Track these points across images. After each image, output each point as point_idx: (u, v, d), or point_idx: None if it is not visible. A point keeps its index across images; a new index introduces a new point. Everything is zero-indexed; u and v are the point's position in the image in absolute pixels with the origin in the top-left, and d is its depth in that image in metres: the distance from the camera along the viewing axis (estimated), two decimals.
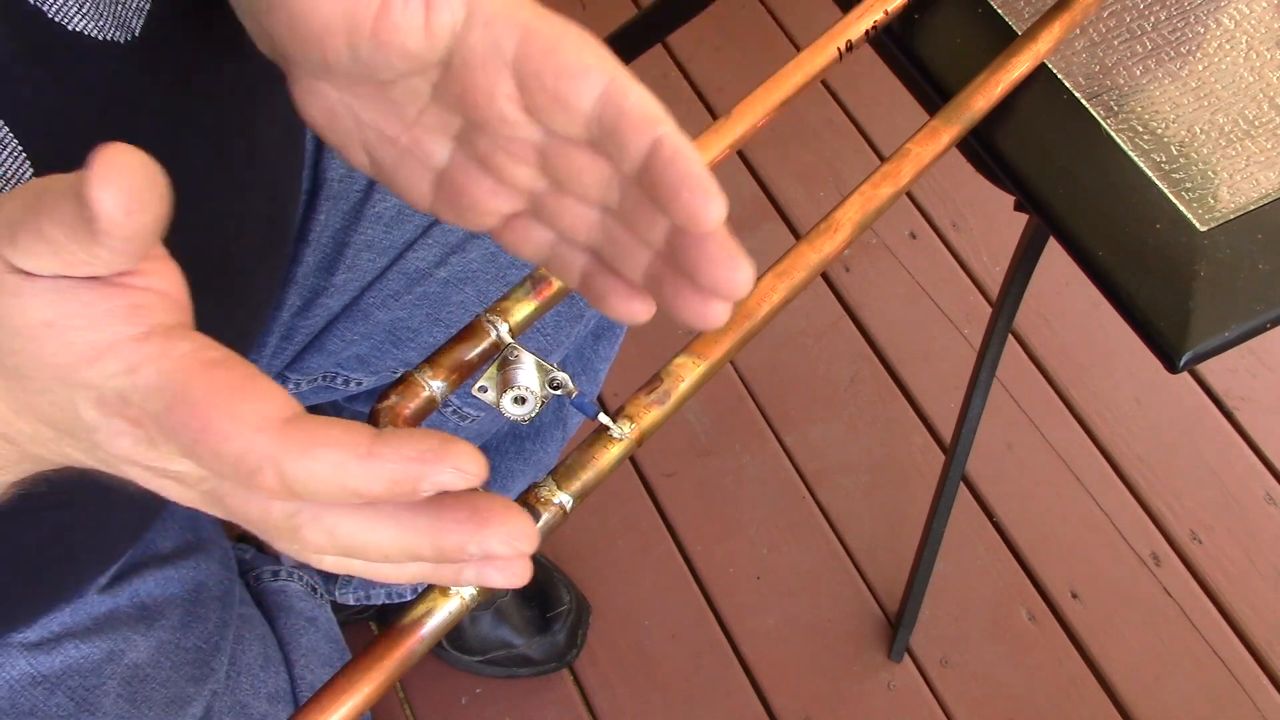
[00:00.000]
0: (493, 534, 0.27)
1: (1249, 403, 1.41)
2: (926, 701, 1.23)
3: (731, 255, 0.30)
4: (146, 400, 0.25)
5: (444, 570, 0.28)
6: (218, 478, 0.26)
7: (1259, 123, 0.63)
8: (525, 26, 0.30)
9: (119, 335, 0.26)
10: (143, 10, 0.40)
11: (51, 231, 0.24)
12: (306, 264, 0.67)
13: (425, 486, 0.25)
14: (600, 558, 1.28)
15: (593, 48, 0.30)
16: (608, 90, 0.30)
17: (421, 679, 1.20)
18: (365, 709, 0.34)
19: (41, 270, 0.25)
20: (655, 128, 0.29)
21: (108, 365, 0.26)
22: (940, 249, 1.51)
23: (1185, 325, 0.57)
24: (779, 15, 1.69)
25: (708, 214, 0.29)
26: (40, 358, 0.26)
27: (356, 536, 0.26)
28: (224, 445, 0.24)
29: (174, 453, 0.26)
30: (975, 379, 1.01)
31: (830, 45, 0.54)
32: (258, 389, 0.25)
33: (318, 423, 0.25)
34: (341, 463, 0.24)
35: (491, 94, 0.30)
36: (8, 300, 0.26)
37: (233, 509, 0.27)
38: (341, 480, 0.25)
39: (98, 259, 0.25)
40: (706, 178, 0.29)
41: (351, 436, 0.25)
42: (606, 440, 0.39)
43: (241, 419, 0.24)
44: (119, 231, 0.24)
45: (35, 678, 0.59)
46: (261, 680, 0.70)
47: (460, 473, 0.25)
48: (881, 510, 1.33)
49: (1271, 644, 1.27)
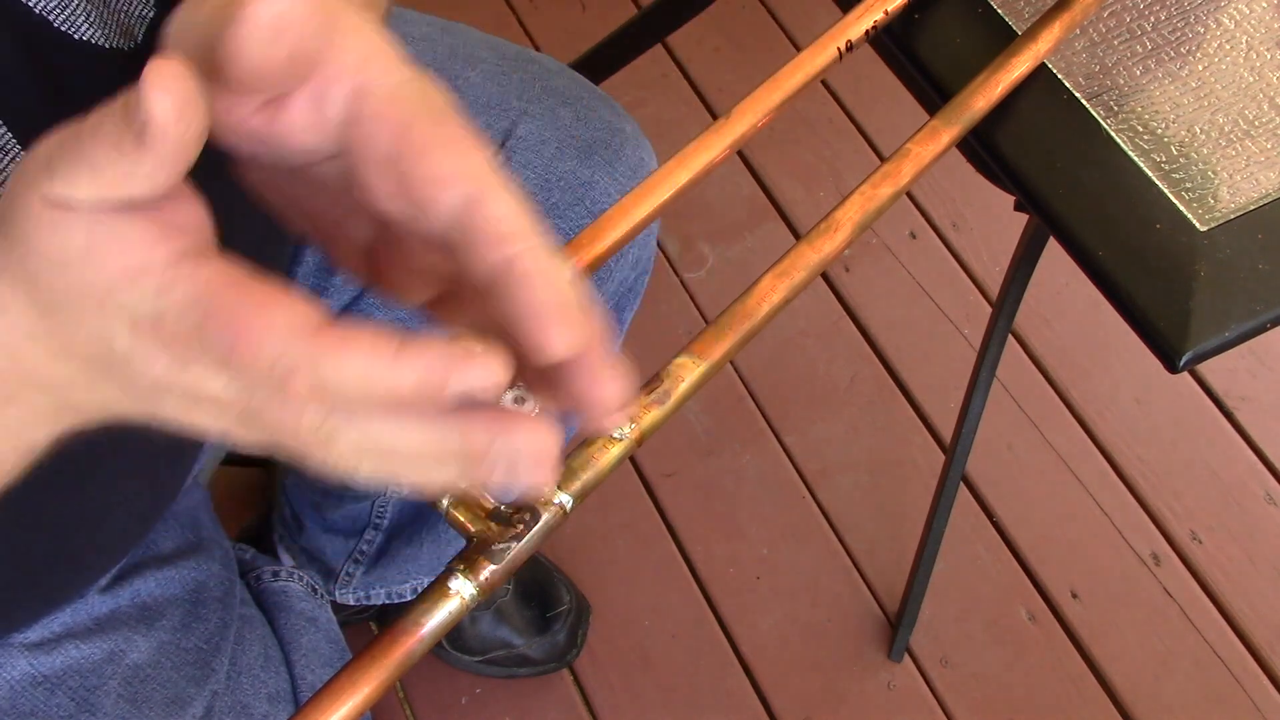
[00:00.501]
0: (518, 430, 0.27)
1: (1249, 403, 1.41)
2: (926, 701, 1.23)
3: (591, 376, 0.29)
4: (181, 317, 0.26)
5: (476, 473, 0.28)
6: (251, 392, 0.27)
7: (1259, 123, 0.63)
8: (402, 125, 0.28)
9: (152, 258, 0.26)
10: (146, 18, 0.40)
11: (95, 149, 0.25)
12: (306, 264, 0.67)
13: (452, 386, 0.26)
14: (600, 558, 1.28)
15: (464, 153, 0.28)
16: (467, 201, 0.28)
17: (421, 679, 1.20)
18: (365, 709, 0.34)
19: (79, 195, 0.26)
20: (509, 245, 0.28)
21: (142, 287, 0.26)
22: (940, 249, 1.51)
23: (1185, 325, 0.57)
24: (779, 15, 1.68)
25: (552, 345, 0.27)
26: (77, 286, 0.27)
27: (387, 439, 0.27)
28: (259, 352, 0.25)
29: (208, 371, 0.27)
30: (975, 379, 1.01)
31: (830, 45, 0.54)
32: (288, 299, 0.26)
33: (348, 327, 0.26)
34: (371, 364, 0.25)
35: (376, 193, 0.29)
36: (46, 234, 0.27)
37: (267, 425, 0.27)
38: (372, 381, 0.25)
39: (141, 172, 0.26)
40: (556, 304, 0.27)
41: (381, 339, 0.26)
42: (606, 440, 0.39)
43: (274, 325, 0.25)
44: (168, 137, 0.25)
45: (36, 678, 0.59)
46: (262, 680, 0.70)
47: (486, 374, 0.26)
48: (881, 510, 1.33)
49: (1271, 644, 1.27)
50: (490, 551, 0.35)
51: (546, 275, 0.28)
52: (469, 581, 0.35)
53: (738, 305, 0.44)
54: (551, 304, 0.27)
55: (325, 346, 0.25)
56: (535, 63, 0.77)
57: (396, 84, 0.29)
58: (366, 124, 0.29)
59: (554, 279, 0.28)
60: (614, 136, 0.75)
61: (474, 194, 0.28)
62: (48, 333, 0.28)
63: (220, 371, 0.27)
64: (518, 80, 0.75)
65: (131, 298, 0.27)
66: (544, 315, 0.27)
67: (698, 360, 0.42)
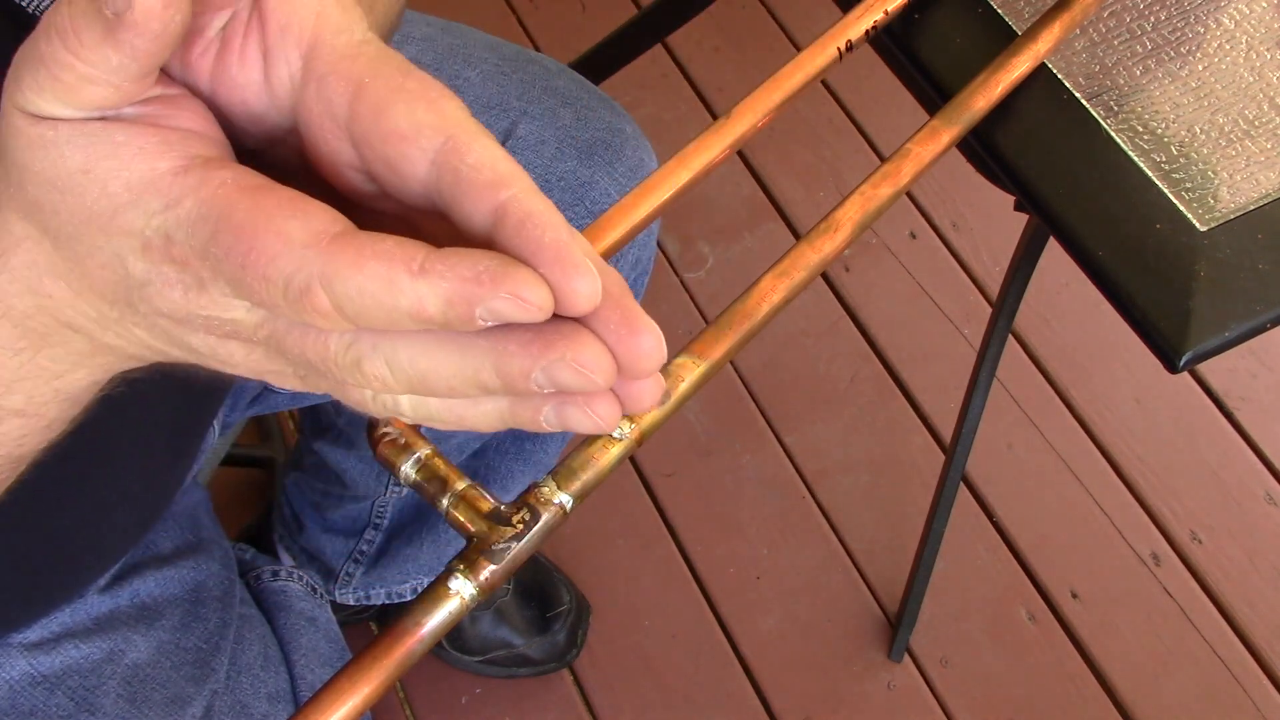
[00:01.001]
0: (560, 359, 0.24)
1: (1249, 403, 1.41)
2: (926, 701, 1.23)
3: (631, 326, 0.25)
4: (191, 233, 0.24)
5: (522, 410, 0.26)
6: (273, 317, 0.25)
7: (1259, 123, 0.63)
8: (357, 83, 0.26)
9: (155, 170, 0.25)
10: None
11: (72, 46, 0.23)
12: None
13: (482, 312, 0.23)
14: (600, 558, 1.28)
15: (430, 102, 0.25)
16: (442, 152, 0.25)
17: (421, 679, 1.20)
18: (365, 709, 0.34)
19: (61, 105, 0.25)
20: (499, 191, 0.24)
21: (148, 203, 0.25)
22: (940, 249, 1.51)
23: (1185, 325, 0.57)
24: (779, 15, 1.69)
25: (573, 291, 0.24)
26: (81, 210, 0.25)
27: (416, 363, 0.24)
28: (272, 265, 0.23)
29: (227, 292, 0.25)
30: (975, 379, 1.01)
31: (830, 45, 0.54)
32: (303, 207, 0.24)
33: (369, 237, 0.23)
34: (393, 278, 0.23)
35: (335, 165, 0.27)
36: (39, 152, 0.25)
37: (292, 351, 0.26)
38: (394, 298, 0.23)
39: (123, 66, 0.24)
40: (567, 246, 0.24)
41: (404, 250, 0.23)
42: (606, 440, 0.39)
43: (287, 236, 0.23)
44: (151, 23, 0.23)
45: (35, 678, 0.59)
46: (261, 680, 0.70)
47: (519, 301, 0.23)
48: (881, 510, 1.33)
49: (1271, 644, 1.27)
50: (490, 551, 0.35)
51: (546, 217, 0.24)
52: (469, 581, 0.34)
53: (738, 305, 0.44)
54: (560, 245, 0.24)
55: (344, 258, 0.23)
56: (535, 63, 0.77)
57: (352, 42, 0.26)
58: (320, 83, 0.26)
59: (555, 220, 0.24)
60: (614, 137, 0.75)
61: (448, 144, 0.25)
62: (67, 268, 0.27)
63: (239, 293, 0.25)
64: (518, 80, 0.75)
65: (137, 217, 0.25)
66: (556, 259, 0.24)
67: (698, 360, 0.42)
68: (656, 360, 0.25)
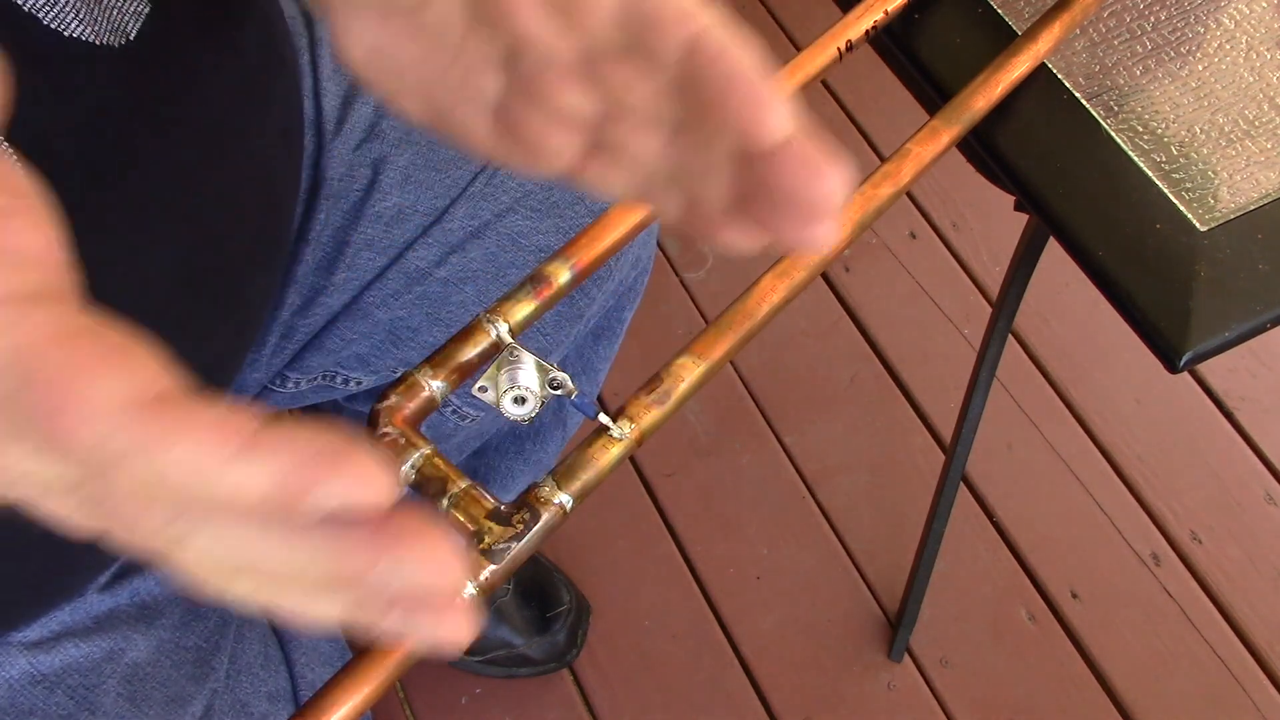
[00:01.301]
0: (407, 558, 0.21)
1: (1249, 403, 1.41)
2: (926, 701, 1.23)
3: (811, 166, 0.25)
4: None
5: (366, 610, 0.22)
6: (85, 479, 0.22)
7: (1259, 123, 0.63)
8: None
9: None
10: (140, 14, 0.40)
11: None
12: (306, 263, 0.67)
13: (316, 497, 0.20)
14: (600, 558, 1.28)
15: None
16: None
17: (421, 679, 1.20)
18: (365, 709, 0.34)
19: None
20: (689, 24, 0.24)
21: None
22: (940, 249, 1.51)
23: (1185, 325, 0.57)
24: (779, 15, 1.69)
25: (765, 123, 0.24)
26: None
27: (242, 551, 0.21)
28: (79, 431, 0.20)
29: (39, 450, 0.21)
30: (975, 379, 1.01)
31: (830, 45, 0.54)
32: (124, 361, 0.20)
33: (195, 403, 0.20)
34: (210, 457, 0.20)
35: (515, 6, 0.26)
36: None
37: (111, 518, 0.22)
38: (209, 478, 0.20)
39: None
40: (759, 80, 0.24)
41: (232, 422, 0.20)
42: (606, 440, 0.39)
43: (99, 399, 0.20)
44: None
45: (35, 677, 0.59)
46: (262, 679, 0.70)
47: (361, 487, 0.20)
48: (881, 510, 1.33)
49: (1271, 644, 1.27)
50: (490, 551, 0.35)
51: (739, 50, 0.24)
52: (469, 581, 0.34)
53: (738, 305, 0.44)
54: (755, 78, 0.24)
55: (161, 427, 0.20)
56: None
57: None
58: None
59: (747, 53, 0.24)
60: None
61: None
62: None
63: (50, 450, 0.21)
64: None
65: None
66: (747, 92, 0.24)
67: (698, 360, 0.42)
68: (838, 196, 0.25)
